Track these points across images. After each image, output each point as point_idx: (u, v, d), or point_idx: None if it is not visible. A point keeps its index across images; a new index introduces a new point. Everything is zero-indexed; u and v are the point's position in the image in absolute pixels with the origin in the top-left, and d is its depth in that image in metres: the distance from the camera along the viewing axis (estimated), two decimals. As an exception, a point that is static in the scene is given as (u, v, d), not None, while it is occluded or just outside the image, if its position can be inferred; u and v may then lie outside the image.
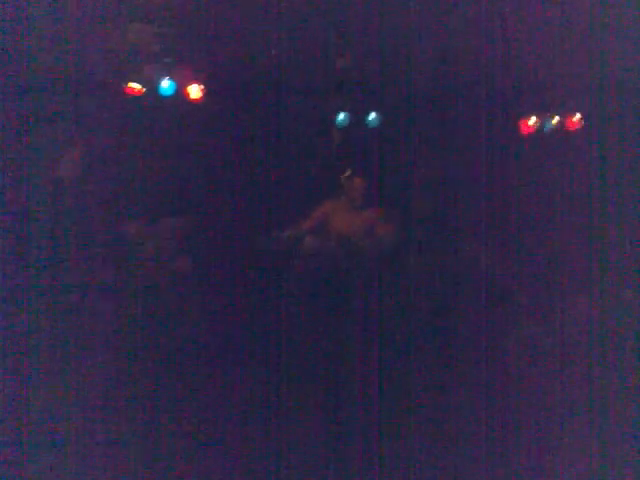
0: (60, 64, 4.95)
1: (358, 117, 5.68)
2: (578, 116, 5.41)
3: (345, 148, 5.77)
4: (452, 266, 5.41)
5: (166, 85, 5.49)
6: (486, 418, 4.71)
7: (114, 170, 5.21)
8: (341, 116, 5.71)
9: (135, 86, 5.40)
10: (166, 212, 5.35)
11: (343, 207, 5.53)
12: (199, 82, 5.54)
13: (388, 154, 5.51)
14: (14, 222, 4.74)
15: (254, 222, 5.40)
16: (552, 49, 5.12)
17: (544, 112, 5.58)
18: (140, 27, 5.44)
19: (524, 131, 5.61)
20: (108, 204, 5.15)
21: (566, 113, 5.52)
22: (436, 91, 5.36)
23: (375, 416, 4.76)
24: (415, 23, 5.16)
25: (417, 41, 5.19)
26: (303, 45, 5.33)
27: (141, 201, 5.21)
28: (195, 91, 5.57)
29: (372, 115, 5.68)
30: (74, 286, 4.92)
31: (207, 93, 5.55)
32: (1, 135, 4.67)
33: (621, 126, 5.05)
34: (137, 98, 5.38)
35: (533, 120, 5.61)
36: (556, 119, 5.56)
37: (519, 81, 5.30)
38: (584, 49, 4.98)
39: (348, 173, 5.56)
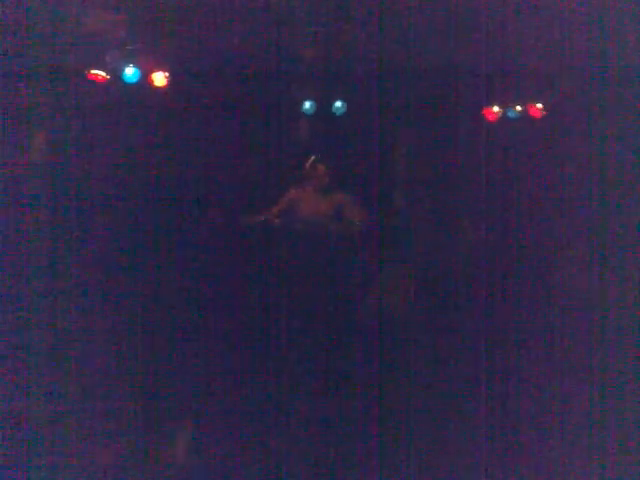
0: (24, 51, 4.87)
1: (324, 105, 5.71)
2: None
3: (311, 135, 5.80)
4: (418, 251, 5.49)
5: (130, 72, 5.44)
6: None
7: (79, 158, 5.17)
8: (307, 104, 5.73)
9: (99, 73, 5.34)
10: (135, 197, 5.32)
11: (308, 193, 5.58)
12: (164, 69, 5.50)
13: (352, 141, 5.58)
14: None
15: (220, 208, 5.43)
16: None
17: (521, 101, 5.66)
18: (103, 14, 5.36)
19: (491, 119, 5.68)
20: (72, 194, 5.10)
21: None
22: (404, 80, 5.39)
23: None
24: (382, 14, 5.16)
25: (383, 30, 5.19)
26: (269, 33, 5.30)
27: (107, 189, 5.19)
28: (159, 78, 5.53)
29: (338, 103, 5.71)
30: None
31: (172, 81, 5.51)
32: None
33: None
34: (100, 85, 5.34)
35: (500, 109, 5.68)
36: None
37: (496, 70, 5.32)
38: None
39: (312, 159, 5.59)
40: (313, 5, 5.35)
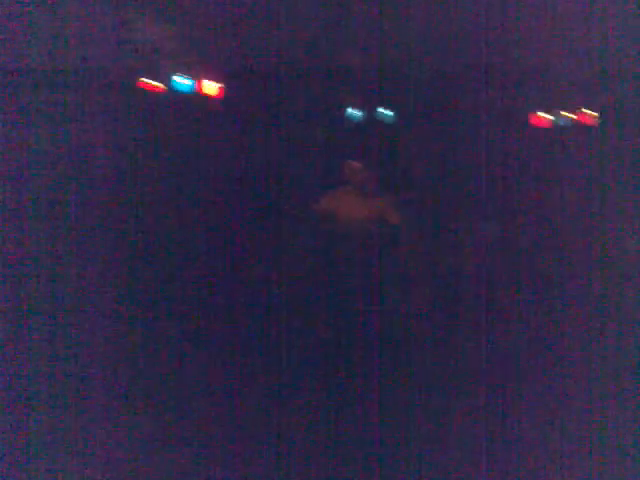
0: (74, 59, 5.11)
1: (366, 112, 5.71)
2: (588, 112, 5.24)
3: (354, 141, 5.82)
4: (457, 252, 5.40)
5: (182, 81, 5.63)
6: (486, 417, 4.64)
7: (124, 164, 5.38)
8: (351, 110, 5.74)
9: (149, 82, 5.56)
10: (177, 205, 5.49)
11: (348, 195, 5.59)
12: (214, 78, 5.65)
13: (395, 146, 5.55)
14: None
15: (260, 212, 5.52)
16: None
17: (551, 107, 5.46)
18: (157, 24, 5.58)
19: (539, 124, 5.51)
20: (111, 202, 5.27)
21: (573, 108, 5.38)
22: (441, 84, 5.32)
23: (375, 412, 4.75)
24: (414, 16, 5.12)
25: (417, 34, 5.15)
26: (312, 38, 5.37)
27: (149, 196, 5.38)
28: (210, 87, 5.69)
29: (381, 109, 5.69)
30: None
31: (221, 89, 5.66)
32: (4, 132, 4.86)
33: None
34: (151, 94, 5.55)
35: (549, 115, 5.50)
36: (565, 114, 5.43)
37: (525, 74, 5.17)
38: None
39: (353, 163, 5.58)
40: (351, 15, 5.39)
